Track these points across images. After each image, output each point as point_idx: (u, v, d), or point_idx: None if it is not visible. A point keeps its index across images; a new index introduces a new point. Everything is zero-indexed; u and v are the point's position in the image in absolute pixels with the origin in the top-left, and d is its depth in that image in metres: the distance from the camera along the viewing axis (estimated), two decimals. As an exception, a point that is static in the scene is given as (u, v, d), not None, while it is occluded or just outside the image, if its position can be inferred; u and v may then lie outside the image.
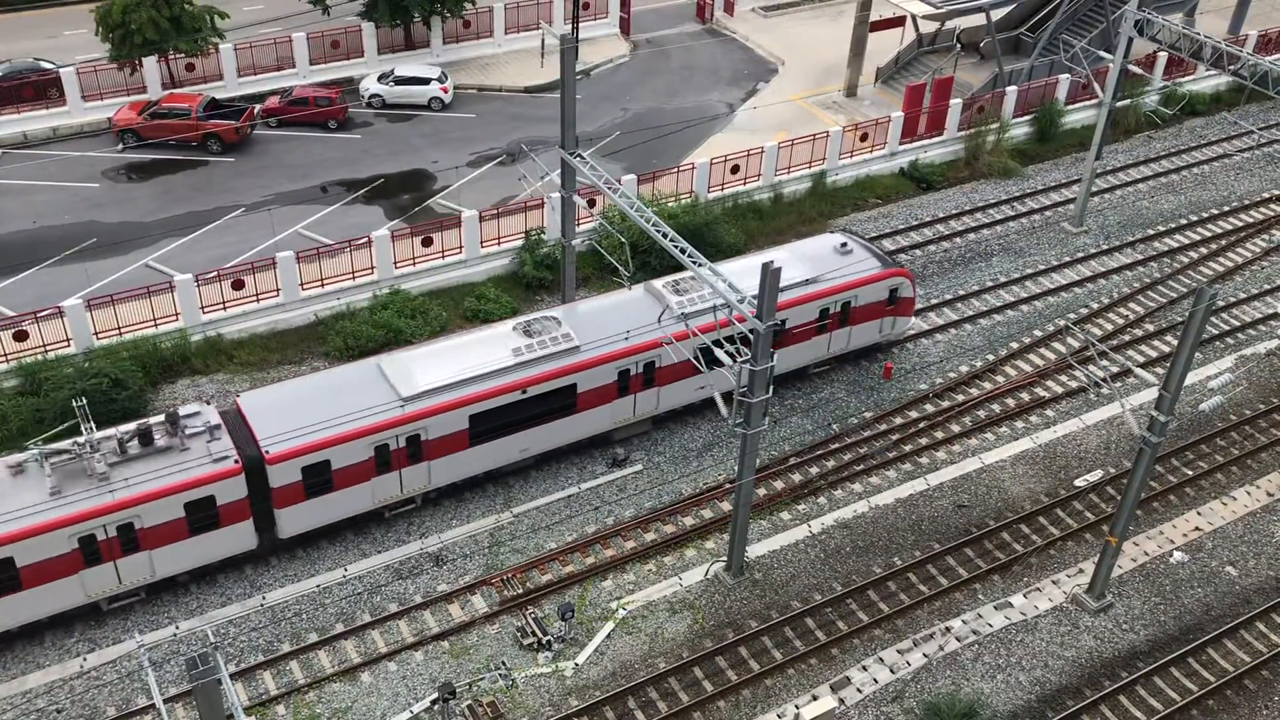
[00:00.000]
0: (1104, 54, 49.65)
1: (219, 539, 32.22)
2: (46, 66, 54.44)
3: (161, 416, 32.19)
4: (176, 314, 40.36)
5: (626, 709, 30.48)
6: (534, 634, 32.05)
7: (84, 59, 54.75)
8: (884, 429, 39.98)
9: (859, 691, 31.30)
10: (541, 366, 35.14)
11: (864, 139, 53.10)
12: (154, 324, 39.98)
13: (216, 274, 41.42)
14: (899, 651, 32.47)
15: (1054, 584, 34.67)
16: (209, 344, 40.42)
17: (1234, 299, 46.79)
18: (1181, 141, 58.01)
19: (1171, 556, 35.89)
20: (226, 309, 41.14)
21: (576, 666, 31.58)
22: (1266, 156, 57.02)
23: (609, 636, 32.46)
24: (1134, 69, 47.91)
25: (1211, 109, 60.39)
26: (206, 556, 32.46)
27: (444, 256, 44.37)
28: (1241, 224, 51.70)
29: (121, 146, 51.81)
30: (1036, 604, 34.02)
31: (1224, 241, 50.31)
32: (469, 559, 34.51)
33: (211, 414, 32.63)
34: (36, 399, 36.32)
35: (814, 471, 38.20)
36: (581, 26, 60.18)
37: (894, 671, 31.90)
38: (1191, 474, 38.69)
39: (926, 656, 32.29)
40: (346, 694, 30.57)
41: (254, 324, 41.52)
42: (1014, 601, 34.08)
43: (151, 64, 53.57)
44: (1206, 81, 61.28)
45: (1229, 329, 45.20)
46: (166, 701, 29.74)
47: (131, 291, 40.12)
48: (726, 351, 30.50)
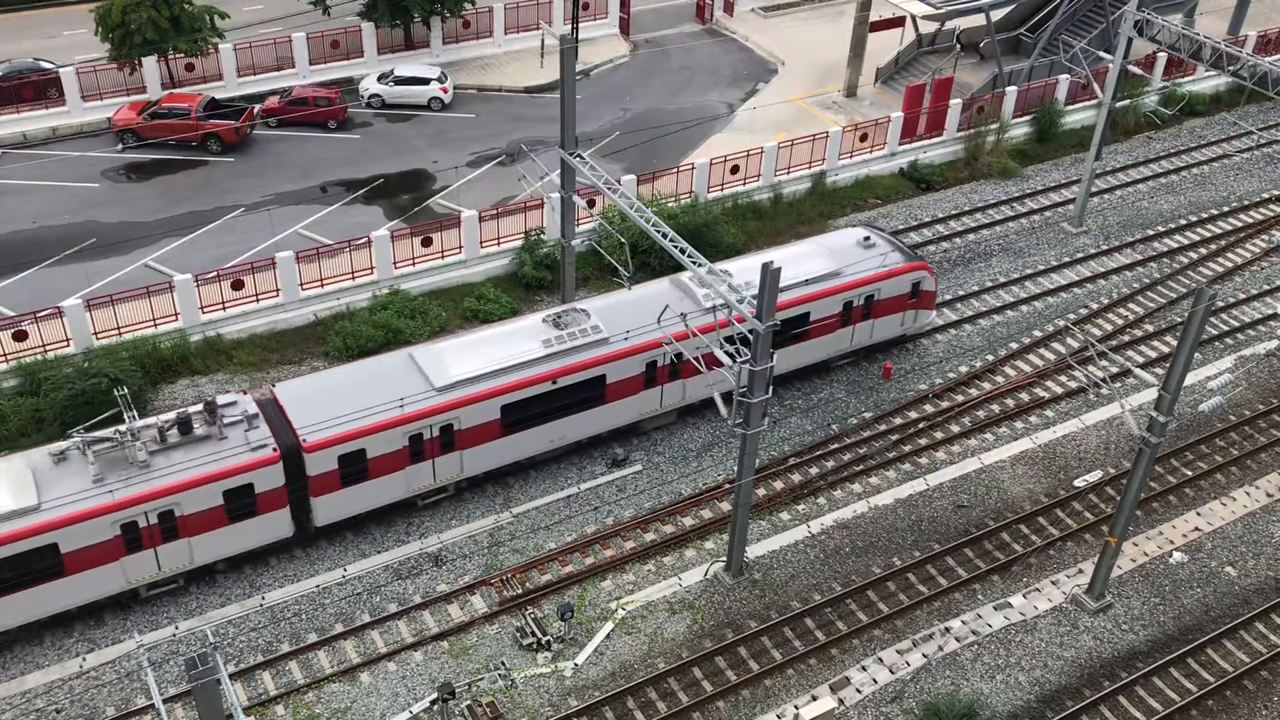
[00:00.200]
0: (1103, 54, 49.69)
1: (256, 527, 32.70)
2: (46, 66, 54.43)
3: (200, 405, 32.63)
4: (176, 314, 40.36)
5: (626, 709, 30.48)
6: (533, 634, 32.05)
7: (84, 59, 54.74)
8: (884, 429, 40.00)
9: (858, 692, 31.30)
10: (571, 358, 35.53)
11: (864, 139, 53.11)
12: (153, 324, 39.98)
13: (216, 274, 41.41)
14: (898, 652, 32.47)
15: (1053, 584, 34.67)
16: (208, 344, 40.41)
17: (1233, 299, 46.79)
18: (1181, 142, 58.03)
19: (1171, 557, 35.89)
20: (226, 309, 41.14)
21: (576, 667, 31.58)
22: (1266, 157, 57.02)
23: (608, 637, 32.46)
24: (1133, 69, 47.92)
25: (1211, 109, 60.40)
26: (244, 544, 32.91)
27: (443, 257, 44.37)
28: (1241, 224, 51.71)
29: (121, 146, 51.81)
30: (1036, 604, 34.03)
31: (1223, 242, 50.32)
32: (468, 559, 34.50)
33: (249, 403, 33.03)
34: (36, 399, 36.33)
35: (814, 472, 38.20)
36: (581, 27, 60.18)
37: (893, 672, 31.90)
38: (1191, 474, 38.69)
39: (926, 657, 32.29)
40: (346, 694, 30.57)
41: (253, 324, 41.52)
42: (1013, 602, 34.08)
43: (151, 64, 53.56)
44: (1206, 82, 61.29)
45: (1228, 329, 45.21)
46: (166, 702, 29.74)
47: (131, 291, 40.11)
48: (727, 352, 30.51)
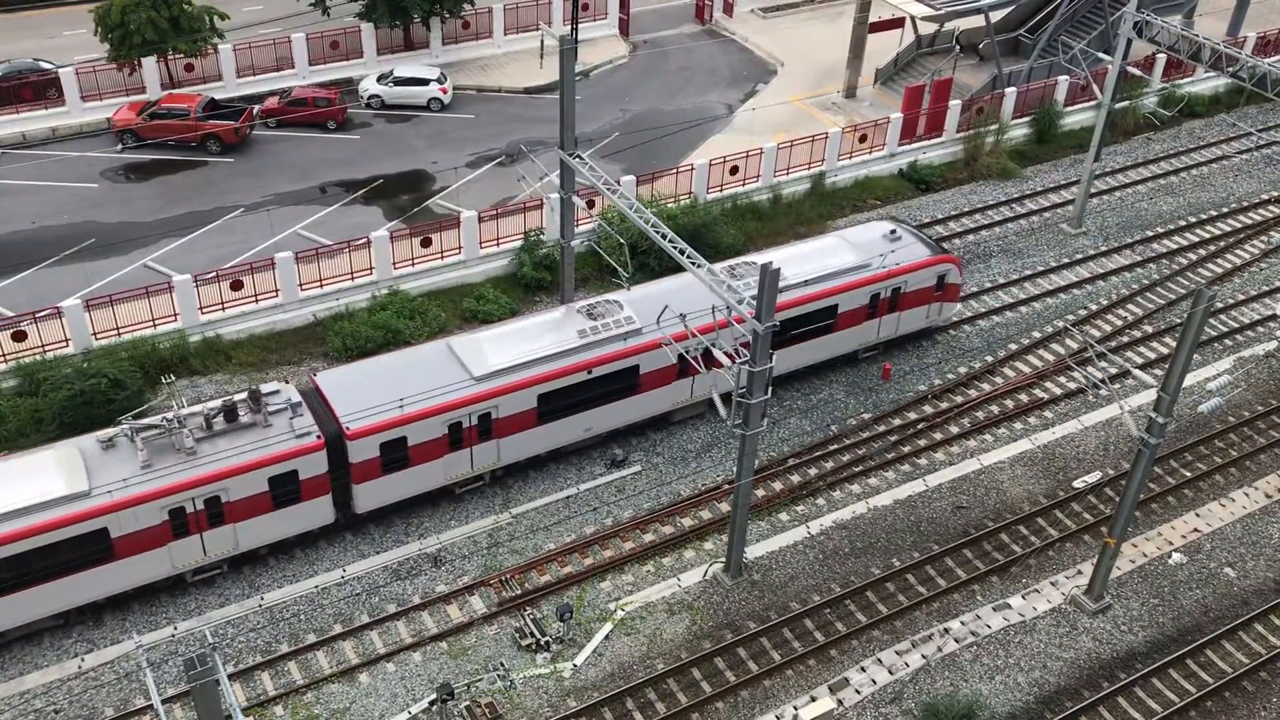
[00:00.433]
0: (1103, 55, 49.71)
1: (299, 513, 33.14)
2: (46, 66, 54.43)
3: (244, 394, 33.04)
4: (175, 314, 40.35)
5: (625, 710, 30.47)
6: (532, 635, 32.05)
7: (83, 59, 54.73)
8: (883, 430, 40.00)
9: (857, 693, 31.30)
10: (605, 348, 35.83)
11: (863, 140, 53.12)
12: (153, 324, 39.96)
13: (215, 274, 41.40)
14: (897, 653, 32.47)
15: (1052, 585, 34.67)
16: (207, 344, 40.40)
17: (1232, 301, 46.81)
18: (1180, 143, 58.04)
19: (1170, 558, 35.89)
20: (225, 309, 41.12)
21: (575, 667, 31.58)
22: (1265, 158, 57.04)
23: (607, 637, 32.45)
24: (1133, 70, 47.93)
25: (1210, 111, 60.42)
26: (287, 530, 33.38)
27: (443, 257, 44.37)
28: (1240, 225, 51.72)
29: (120, 147, 51.80)
30: (1035, 605, 34.02)
31: (1222, 243, 50.33)
32: (467, 560, 34.50)
33: (292, 392, 33.54)
34: (35, 399, 36.31)
35: (813, 473, 38.21)
36: (581, 27, 60.15)
37: (892, 673, 31.89)
38: (1190, 475, 38.70)
39: (925, 658, 32.29)
40: (345, 695, 30.55)
41: (252, 324, 41.51)
42: (1012, 603, 34.08)
43: (151, 64, 53.56)
44: (1205, 83, 61.31)
45: (1227, 330, 45.21)
46: (165, 702, 29.73)
47: (130, 292, 40.10)
48: (726, 352, 30.54)
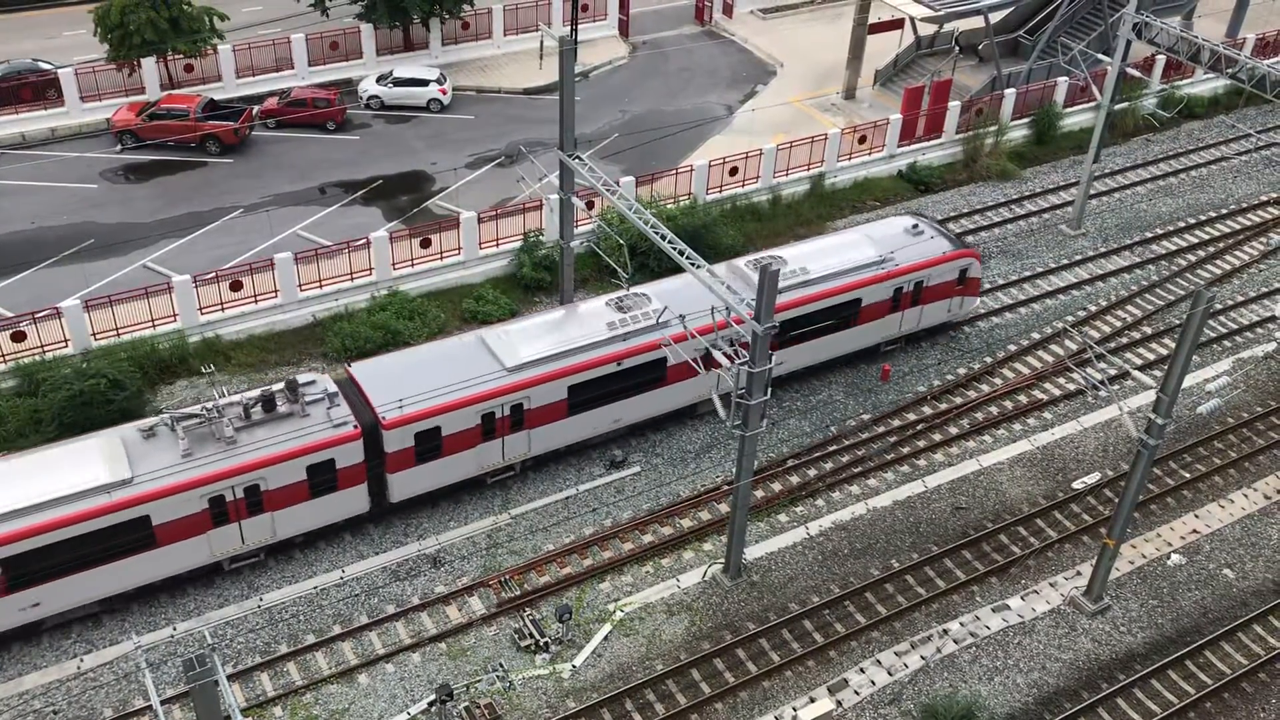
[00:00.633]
0: (1102, 57, 49.73)
1: (335, 502, 33.59)
2: (45, 67, 54.42)
3: (281, 384, 33.41)
4: (174, 315, 40.34)
5: (624, 711, 30.47)
6: (531, 636, 32.04)
7: (82, 60, 54.73)
8: (882, 431, 40.00)
9: (856, 694, 31.30)
10: (634, 340, 36.03)
11: (862, 141, 53.13)
12: (152, 325, 39.95)
13: (214, 275, 41.40)
14: (896, 654, 32.47)
15: (1051, 586, 34.67)
16: (207, 345, 40.38)
17: (1232, 302, 46.83)
18: (1179, 144, 58.06)
19: (1169, 559, 35.90)
20: (224, 310, 41.11)
21: (574, 668, 31.58)
22: (1264, 159, 57.06)
23: (606, 638, 32.45)
24: (1132, 72, 47.95)
25: (1209, 112, 60.44)
26: (323, 519, 33.81)
27: (442, 258, 44.37)
28: (1239, 227, 51.73)
29: (120, 147, 51.79)
30: (1034, 606, 34.02)
31: (1222, 244, 50.35)
32: (466, 560, 34.50)
33: (328, 382, 34.00)
34: (34, 400, 36.30)
35: (812, 474, 38.21)
36: (580, 28, 60.18)
37: (891, 674, 31.89)
38: (1189, 477, 38.70)
39: (924, 659, 32.29)
40: (344, 695, 30.55)
41: (252, 325, 41.50)
42: (1011, 604, 34.08)
43: (150, 65, 53.56)
44: (1204, 85, 61.34)
45: (1226, 332, 45.22)
46: (164, 703, 29.72)
47: (129, 292, 40.11)
48: (725, 354, 30.55)
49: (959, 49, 59.39)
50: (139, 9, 50.72)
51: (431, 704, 30.00)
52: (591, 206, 45.12)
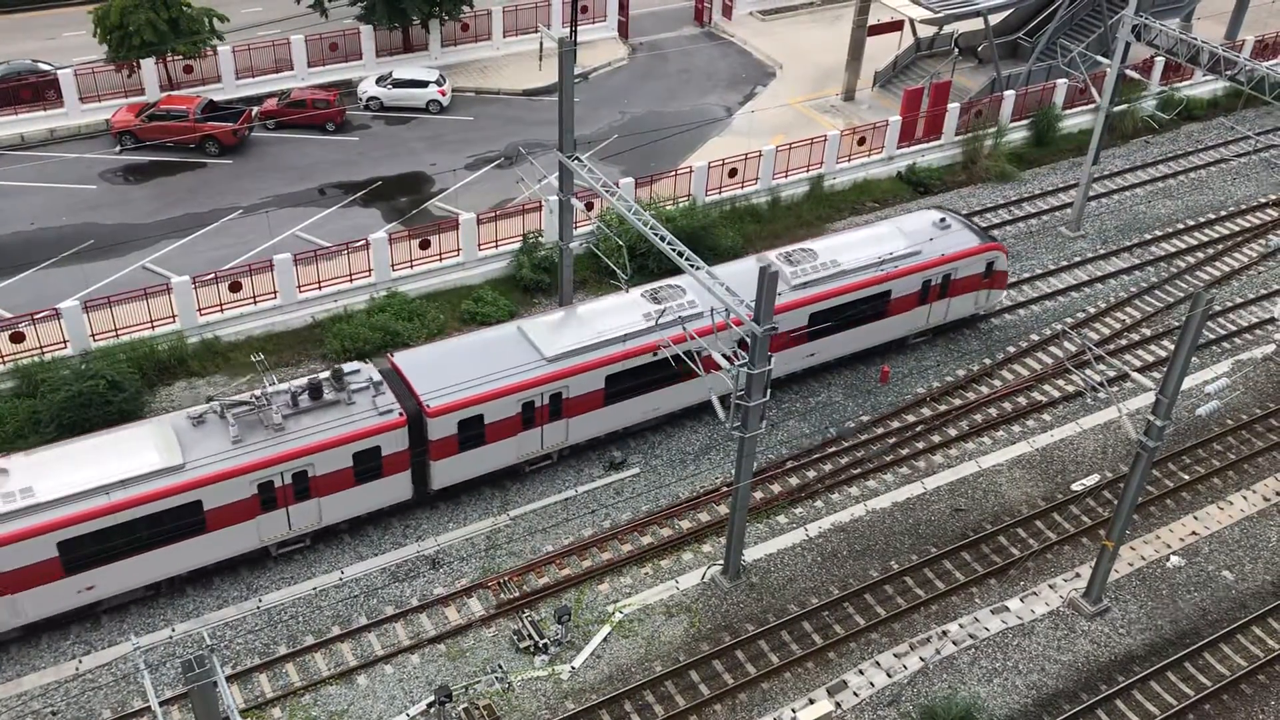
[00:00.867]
0: (1101, 59, 49.71)
1: (380, 489, 34.15)
2: (44, 68, 54.42)
3: (327, 373, 34.02)
4: (173, 316, 40.34)
5: (623, 712, 30.45)
6: (530, 637, 32.03)
7: (82, 61, 54.75)
8: (881, 432, 40.00)
9: (855, 695, 31.29)
10: (670, 331, 36.13)
11: (862, 143, 53.14)
12: (151, 326, 39.95)
13: (214, 276, 41.39)
14: (895, 655, 32.46)
15: (1051, 588, 34.67)
16: (206, 346, 40.38)
17: (1230, 304, 46.84)
18: (1178, 146, 58.07)
19: (1168, 561, 35.90)
20: (223, 311, 41.11)
21: (573, 670, 31.56)
22: (1263, 161, 57.08)
23: (605, 640, 32.44)
24: (1131, 74, 47.96)
25: (1208, 114, 60.47)
26: (367, 505, 34.37)
27: (441, 259, 44.37)
28: (1238, 229, 51.73)
29: (119, 148, 51.79)
30: (1033, 608, 34.02)
31: (1221, 246, 50.36)
32: (465, 562, 34.49)
33: (372, 371, 34.50)
34: (33, 401, 36.29)
35: (811, 475, 38.20)
36: (580, 30, 60.21)
37: (890, 675, 31.88)
38: (1188, 478, 38.70)
39: (923, 660, 32.28)
40: (343, 697, 30.53)
41: (251, 326, 41.49)
42: (1010, 605, 34.07)
43: (149, 66, 53.56)
44: (1203, 86, 61.38)
45: (1226, 334, 45.23)
46: (162, 704, 29.71)
47: (128, 293, 40.09)
48: (725, 355, 30.55)
49: (958, 51, 59.41)
50: (138, 10, 50.74)
51: (430, 705, 29.99)
52: (591, 208, 45.20)
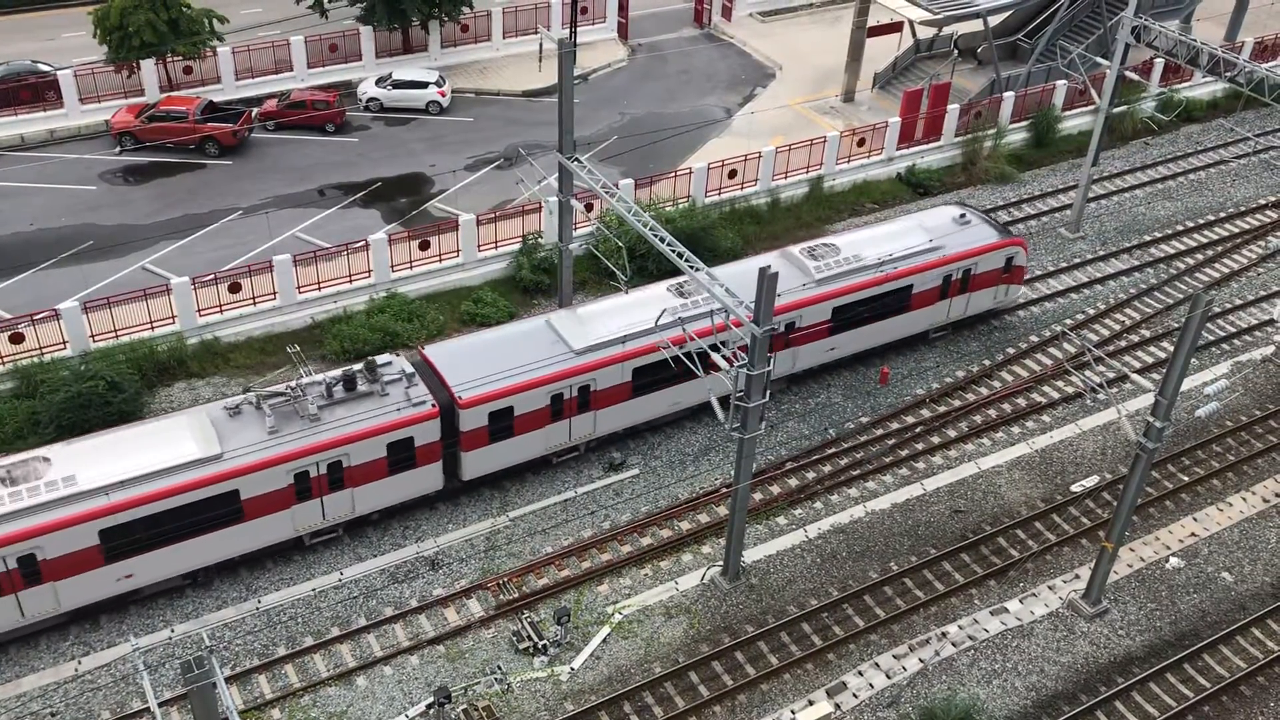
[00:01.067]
0: (1101, 60, 49.74)
1: (412, 479, 34.53)
2: (44, 68, 54.42)
3: (360, 365, 34.37)
4: (173, 317, 40.34)
5: (622, 714, 30.45)
6: (530, 638, 32.03)
7: (82, 61, 54.74)
8: (880, 434, 39.99)
9: (855, 697, 31.28)
10: (695, 325, 36.14)
11: (861, 144, 53.16)
12: (150, 327, 39.94)
13: (213, 277, 41.39)
14: (895, 657, 32.45)
15: (1050, 589, 34.67)
16: (205, 347, 40.38)
17: (1230, 305, 46.86)
18: (1178, 148, 58.08)
19: (1168, 562, 35.90)
20: (223, 312, 41.10)
21: (572, 671, 31.56)
22: (1262, 163, 57.10)
23: (605, 641, 32.43)
24: (1131, 75, 47.95)
25: (1208, 115, 60.47)
26: (399, 496, 34.71)
27: (441, 260, 44.37)
28: (1237, 230, 51.74)
29: (119, 149, 51.79)
30: (1032, 609, 34.02)
31: (1220, 248, 50.37)
32: (465, 563, 34.48)
33: (404, 363, 34.86)
34: (32, 402, 36.29)
35: (810, 476, 38.20)
36: (579, 31, 60.21)
37: (890, 677, 31.88)
38: (1188, 480, 38.71)
39: (922, 662, 32.28)
40: (342, 698, 30.53)
41: (250, 327, 41.49)
42: (1010, 607, 34.07)
43: (149, 66, 53.56)
44: (1203, 88, 61.40)
45: (1225, 335, 45.24)
46: (161, 705, 29.69)
47: (128, 294, 40.08)
48: (724, 356, 30.56)
49: (958, 52, 59.42)
50: (138, 11, 50.73)
51: (430, 706, 30.00)
52: (590, 209, 45.23)
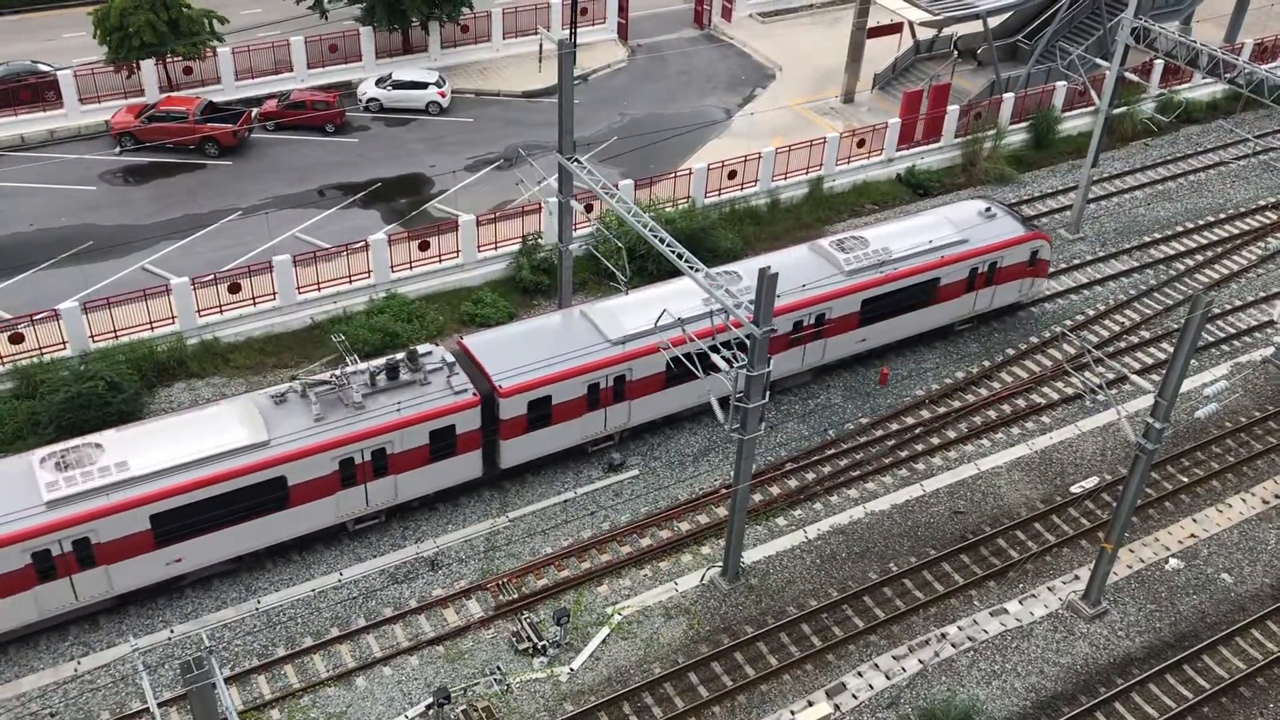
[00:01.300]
0: (1101, 61, 49.76)
1: (453, 467, 35.09)
2: (44, 69, 54.42)
3: (402, 354, 34.93)
4: (173, 317, 40.34)
5: (621, 714, 30.44)
6: (529, 639, 32.03)
7: (82, 62, 54.73)
8: (880, 434, 40.00)
9: (854, 698, 31.28)
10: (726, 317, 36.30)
11: (861, 145, 53.17)
12: (150, 327, 39.94)
13: (213, 277, 41.39)
14: (895, 658, 32.45)
15: (1050, 590, 34.67)
16: (205, 347, 40.38)
17: (1229, 306, 46.87)
18: (1178, 149, 58.10)
19: (1167, 563, 35.90)
20: (223, 312, 41.10)
21: (571, 672, 31.55)
22: (1262, 164, 57.11)
23: (604, 642, 32.43)
24: (1130, 76, 47.95)
25: (1208, 117, 60.46)
26: (440, 483, 35.27)
27: (441, 261, 44.38)
28: (1237, 231, 51.76)
29: (119, 149, 51.79)
30: (1032, 610, 34.02)
31: (1220, 249, 50.39)
32: (464, 563, 34.48)
33: (444, 353, 35.45)
34: (32, 402, 36.28)
35: (810, 477, 38.20)
36: (579, 32, 60.21)
37: (890, 678, 31.88)
38: (1187, 481, 38.71)
39: (922, 663, 32.28)
40: (341, 698, 30.52)
41: (250, 327, 41.49)
42: (1010, 608, 34.07)
43: (149, 67, 53.56)
44: (1203, 89, 61.42)
45: (1224, 336, 45.25)
46: (161, 705, 29.68)
47: (128, 295, 40.08)
48: (724, 357, 30.56)
49: (958, 53, 59.43)
50: (138, 11, 50.72)
51: (429, 707, 29.99)
52: (590, 210, 45.23)
